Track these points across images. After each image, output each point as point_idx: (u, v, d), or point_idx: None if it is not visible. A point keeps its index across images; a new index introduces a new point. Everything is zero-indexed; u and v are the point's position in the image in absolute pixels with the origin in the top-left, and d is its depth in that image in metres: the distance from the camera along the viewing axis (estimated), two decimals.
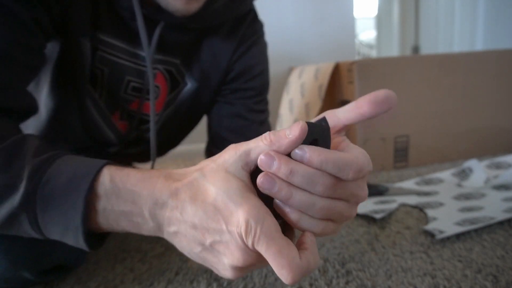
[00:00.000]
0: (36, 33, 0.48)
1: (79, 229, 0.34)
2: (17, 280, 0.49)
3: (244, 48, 0.70)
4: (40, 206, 0.34)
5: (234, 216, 0.29)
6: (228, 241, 0.30)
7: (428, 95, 1.15)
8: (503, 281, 0.49)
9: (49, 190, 0.34)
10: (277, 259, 0.28)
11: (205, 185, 0.32)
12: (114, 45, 0.60)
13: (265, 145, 0.31)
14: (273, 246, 0.28)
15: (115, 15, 0.58)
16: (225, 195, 0.30)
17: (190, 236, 0.32)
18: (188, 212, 0.32)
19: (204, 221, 0.31)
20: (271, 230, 0.29)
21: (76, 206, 0.33)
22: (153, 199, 0.33)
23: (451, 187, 0.91)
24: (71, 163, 0.36)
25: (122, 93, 0.64)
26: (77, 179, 0.34)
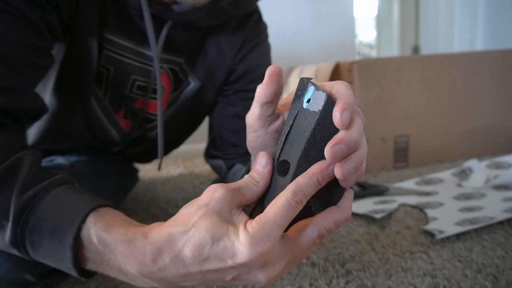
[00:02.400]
0: (45, 34, 0.48)
1: (72, 270, 0.34)
2: (19, 282, 0.49)
3: (248, 48, 0.70)
4: (30, 246, 0.34)
5: (238, 253, 0.29)
6: (247, 270, 0.30)
7: (428, 95, 1.15)
8: (503, 281, 0.49)
9: (36, 235, 0.34)
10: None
11: (198, 235, 0.30)
12: (121, 45, 0.60)
13: (256, 187, 0.33)
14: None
15: (122, 13, 0.58)
16: (221, 237, 0.29)
17: (207, 281, 0.32)
18: (191, 268, 0.30)
19: (213, 268, 0.30)
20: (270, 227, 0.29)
21: (65, 254, 0.33)
22: (149, 269, 0.31)
23: (451, 187, 0.91)
24: (56, 205, 0.35)
25: (128, 92, 0.64)
26: (61, 229, 0.33)
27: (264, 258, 0.29)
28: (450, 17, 2.26)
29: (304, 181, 0.30)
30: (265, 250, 0.29)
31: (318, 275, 0.54)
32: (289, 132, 0.33)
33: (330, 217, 0.32)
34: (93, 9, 0.55)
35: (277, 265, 0.31)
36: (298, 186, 0.30)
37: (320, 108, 0.31)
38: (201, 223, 0.30)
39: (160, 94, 0.61)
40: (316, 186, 0.30)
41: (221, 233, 0.29)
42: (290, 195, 0.30)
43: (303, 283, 0.52)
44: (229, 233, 0.29)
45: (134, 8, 0.57)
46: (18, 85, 0.44)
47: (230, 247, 0.29)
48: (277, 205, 0.30)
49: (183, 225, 0.30)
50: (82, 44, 0.56)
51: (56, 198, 0.35)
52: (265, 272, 0.30)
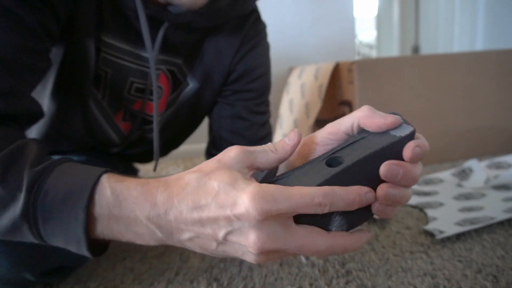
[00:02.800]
0: (42, 37, 0.48)
1: (82, 241, 0.34)
2: (19, 281, 0.49)
3: (247, 48, 0.70)
4: (41, 217, 0.34)
5: (239, 201, 0.29)
6: (240, 227, 0.30)
7: (428, 95, 1.15)
8: (503, 281, 0.49)
9: (49, 202, 0.34)
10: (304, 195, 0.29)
11: (207, 183, 0.31)
12: (118, 47, 0.60)
13: (273, 153, 0.34)
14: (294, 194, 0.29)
15: (119, 15, 0.58)
16: (228, 185, 0.30)
17: (203, 235, 0.32)
18: (194, 214, 0.31)
19: (212, 216, 0.31)
20: (282, 191, 0.29)
21: (77, 218, 0.33)
22: (156, 212, 0.32)
23: (451, 187, 0.91)
24: (69, 173, 0.35)
25: (126, 94, 0.64)
26: (76, 191, 0.34)
27: (262, 216, 0.28)
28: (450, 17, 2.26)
29: (340, 193, 0.30)
30: (266, 209, 0.28)
31: (318, 275, 0.54)
32: (359, 140, 0.34)
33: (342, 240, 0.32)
34: (90, 11, 0.55)
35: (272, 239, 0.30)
36: (332, 192, 0.30)
37: (402, 135, 0.32)
38: (213, 173, 0.31)
39: (156, 96, 0.61)
40: (347, 205, 0.30)
41: (229, 183, 0.30)
42: (320, 193, 0.29)
43: (303, 283, 0.52)
44: (238, 183, 0.30)
45: (130, 9, 0.56)
46: (15, 89, 0.44)
47: (233, 195, 0.30)
48: (303, 191, 0.29)
49: (197, 172, 0.32)
50: (80, 46, 0.56)
51: (69, 168, 0.36)
52: (258, 236, 0.29)
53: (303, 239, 0.31)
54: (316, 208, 0.29)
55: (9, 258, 0.45)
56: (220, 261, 0.60)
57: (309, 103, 1.24)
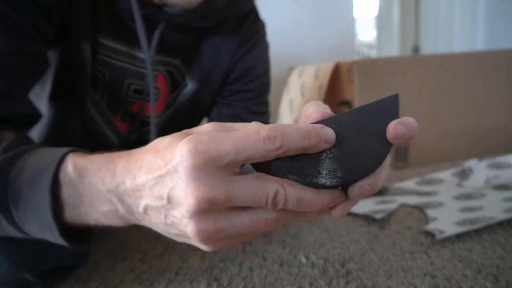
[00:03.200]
0: (37, 40, 0.48)
1: (52, 224, 0.32)
2: (18, 282, 0.49)
3: (246, 48, 0.70)
4: (12, 204, 0.33)
5: (175, 149, 0.26)
6: (178, 180, 0.26)
7: (428, 95, 1.15)
8: (503, 281, 0.49)
9: (17, 187, 0.33)
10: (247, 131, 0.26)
11: (160, 140, 0.29)
12: (114, 49, 0.60)
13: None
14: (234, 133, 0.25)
15: (115, 17, 0.57)
16: (175, 136, 0.28)
17: (152, 200, 0.28)
18: (142, 174, 0.28)
19: (154, 173, 0.27)
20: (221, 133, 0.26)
21: (43, 198, 0.32)
22: (115, 181, 0.30)
23: (451, 187, 0.91)
24: (36, 156, 0.34)
25: (123, 96, 0.64)
26: (40, 172, 0.32)
27: (198, 159, 0.25)
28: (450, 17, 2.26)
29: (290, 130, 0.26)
30: (202, 148, 0.25)
31: (318, 275, 0.54)
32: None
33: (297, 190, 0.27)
34: (85, 13, 0.55)
35: (214, 189, 0.25)
36: (281, 125, 0.26)
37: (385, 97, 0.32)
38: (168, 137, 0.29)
39: (153, 97, 0.60)
40: (303, 139, 0.26)
41: (172, 138, 0.28)
42: (268, 127, 0.25)
43: (303, 283, 0.52)
44: (180, 136, 0.27)
45: (126, 11, 0.56)
46: (10, 93, 0.44)
47: (170, 146, 0.27)
48: (248, 126, 0.27)
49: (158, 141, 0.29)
50: (76, 49, 0.56)
51: (38, 152, 0.35)
52: (197, 186, 0.25)
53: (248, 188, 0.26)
54: (266, 143, 0.25)
55: (9, 258, 0.45)
56: (220, 261, 0.60)
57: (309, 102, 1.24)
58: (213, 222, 0.27)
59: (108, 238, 0.72)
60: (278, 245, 0.65)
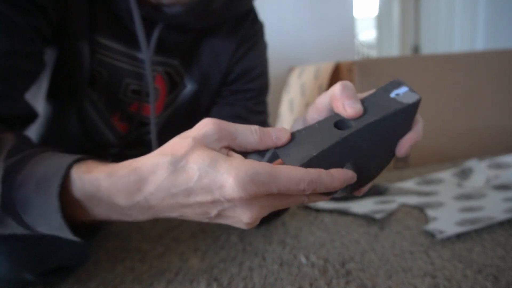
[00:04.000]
0: (35, 40, 0.48)
1: (64, 227, 0.33)
2: (19, 281, 0.49)
3: (245, 49, 0.70)
4: (20, 208, 0.34)
5: (226, 186, 0.28)
6: (232, 206, 0.30)
7: (428, 95, 1.15)
8: (503, 281, 0.49)
9: (24, 193, 0.34)
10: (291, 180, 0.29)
11: (185, 167, 0.30)
12: (113, 48, 0.59)
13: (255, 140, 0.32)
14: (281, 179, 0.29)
15: (113, 16, 0.57)
16: (209, 168, 0.29)
17: (193, 214, 0.32)
18: (179, 199, 0.30)
19: (199, 200, 0.30)
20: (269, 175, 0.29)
21: (51, 205, 0.32)
22: (135, 200, 0.31)
23: (451, 187, 0.91)
24: (42, 163, 0.35)
25: (121, 96, 0.64)
26: (47, 179, 0.33)
27: (251, 197, 0.29)
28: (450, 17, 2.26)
29: (326, 181, 0.30)
30: (254, 191, 0.28)
31: (318, 275, 0.54)
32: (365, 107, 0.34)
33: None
34: (83, 13, 0.55)
35: (262, 209, 0.30)
36: (318, 180, 0.30)
37: (409, 102, 0.34)
38: (189, 156, 0.29)
39: (153, 98, 0.60)
40: (328, 190, 0.30)
41: (211, 165, 0.29)
42: (307, 179, 0.29)
43: (303, 283, 0.52)
44: (220, 165, 0.29)
45: (124, 11, 0.56)
46: (5, 93, 0.44)
47: (219, 179, 0.29)
48: (290, 175, 0.29)
49: (170, 155, 0.30)
50: (73, 48, 0.56)
51: (43, 158, 0.36)
52: (249, 211, 0.30)
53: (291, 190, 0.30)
54: (300, 193, 0.30)
55: (9, 258, 0.45)
56: (220, 261, 0.60)
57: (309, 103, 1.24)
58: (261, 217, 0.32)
59: (108, 238, 0.72)
60: (278, 245, 0.65)
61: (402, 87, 0.35)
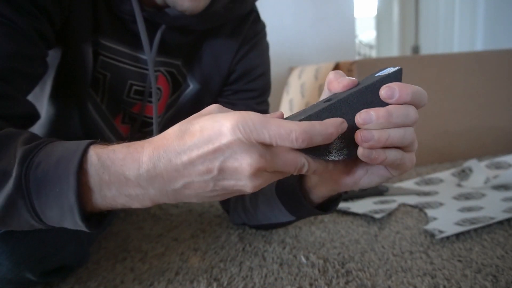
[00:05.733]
0: (37, 42, 0.48)
1: (75, 208, 0.34)
2: (20, 281, 0.49)
3: (246, 49, 0.70)
4: (34, 189, 0.34)
5: (224, 130, 0.31)
6: (232, 153, 0.31)
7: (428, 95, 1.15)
8: (503, 281, 0.50)
9: (41, 172, 0.34)
10: (282, 128, 0.31)
11: (189, 128, 0.33)
12: (116, 50, 0.60)
13: None
14: (272, 125, 0.31)
15: (116, 19, 0.58)
16: (209, 121, 0.32)
17: (198, 176, 0.33)
18: (183, 157, 0.32)
19: (201, 153, 0.32)
20: (262, 119, 0.31)
21: (68, 183, 0.33)
22: (145, 168, 0.33)
23: (451, 187, 0.91)
24: (60, 146, 0.37)
25: (125, 97, 0.64)
26: (66, 158, 0.34)
27: (248, 140, 0.31)
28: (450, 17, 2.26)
29: (319, 129, 0.32)
30: (248, 133, 0.30)
31: (318, 275, 0.54)
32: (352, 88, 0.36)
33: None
34: (86, 15, 0.55)
35: (263, 155, 0.32)
36: (311, 128, 0.31)
37: (385, 73, 0.35)
38: (193, 119, 0.34)
39: (155, 98, 0.61)
40: (325, 139, 0.32)
41: (210, 119, 0.32)
42: (299, 131, 0.31)
43: (303, 283, 0.52)
44: (218, 116, 0.32)
45: (127, 13, 0.56)
46: (8, 94, 0.44)
47: (217, 126, 0.31)
48: (281, 123, 0.31)
49: (178, 124, 0.34)
50: (77, 50, 0.56)
51: (60, 143, 0.38)
52: (251, 156, 0.31)
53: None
54: (293, 142, 0.31)
55: (10, 257, 0.45)
56: (220, 261, 0.60)
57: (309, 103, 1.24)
58: (264, 178, 0.33)
59: (108, 238, 0.72)
60: (278, 245, 0.65)
61: (390, 68, 0.36)
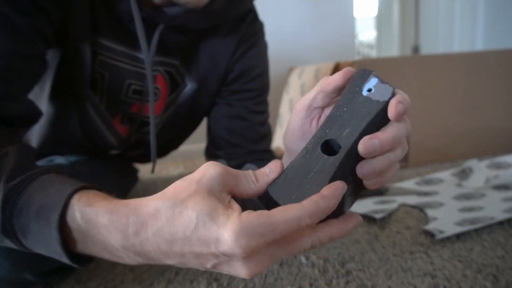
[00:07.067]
0: (37, 42, 0.48)
1: (63, 255, 0.34)
2: (19, 282, 0.49)
3: (244, 48, 0.70)
4: (20, 233, 0.34)
5: (222, 240, 0.28)
6: (227, 260, 0.29)
7: (428, 95, 1.15)
8: (503, 281, 0.49)
9: (23, 220, 0.34)
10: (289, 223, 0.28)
11: (182, 212, 0.29)
12: (114, 49, 0.60)
13: (253, 184, 0.32)
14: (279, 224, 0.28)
15: (114, 18, 0.57)
16: (207, 218, 0.28)
17: (189, 262, 0.31)
18: (174, 247, 0.29)
19: (194, 251, 0.29)
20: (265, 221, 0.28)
21: (51, 235, 0.33)
22: (130, 242, 0.30)
23: (451, 187, 0.91)
24: (42, 189, 0.35)
25: (123, 97, 0.64)
26: (46, 210, 0.33)
27: (248, 252, 0.27)
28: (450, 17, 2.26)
29: (324, 206, 0.29)
30: (252, 245, 0.27)
31: (318, 275, 0.54)
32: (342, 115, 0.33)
33: (327, 230, 0.31)
34: (84, 15, 0.55)
35: (261, 263, 0.29)
36: (316, 210, 0.29)
37: (385, 99, 0.32)
38: (189, 201, 0.29)
39: (153, 98, 0.61)
40: (331, 210, 0.30)
41: (209, 215, 0.28)
42: (307, 215, 0.28)
43: (303, 283, 0.52)
44: (218, 216, 0.28)
45: (125, 13, 0.56)
46: (8, 94, 0.44)
47: (215, 231, 0.28)
48: (288, 217, 0.28)
49: (171, 199, 0.29)
50: (75, 50, 0.56)
51: (43, 183, 0.35)
52: (247, 267, 0.28)
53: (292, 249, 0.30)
54: (305, 228, 0.29)
55: (10, 258, 0.45)
56: None
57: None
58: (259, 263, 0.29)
59: None
60: None
61: (371, 78, 0.33)
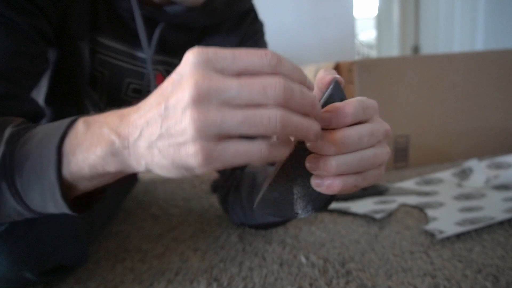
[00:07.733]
0: (37, 40, 0.48)
1: (55, 186, 0.33)
2: (19, 281, 0.49)
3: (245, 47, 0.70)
4: (17, 168, 0.34)
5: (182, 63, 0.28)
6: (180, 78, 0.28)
7: (428, 95, 1.15)
8: (503, 281, 0.49)
9: (25, 151, 0.34)
10: None
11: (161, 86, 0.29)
12: (114, 48, 0.59)
13: None
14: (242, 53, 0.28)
15: (114, 16, 0.57)
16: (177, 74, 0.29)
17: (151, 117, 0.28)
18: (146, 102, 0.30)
19: (156, 93, 0.29)
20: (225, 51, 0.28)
21: (49, 158, 0.33)
22: (120, 120, 0.31)
23: (451, 187, 0.91)
24: (47, 125, 0.36)
25: (123, 95, 0.64)
26: (51, 133, 0.34)
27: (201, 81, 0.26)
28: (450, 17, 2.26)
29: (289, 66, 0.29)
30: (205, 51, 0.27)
31: (318, 275, 0.54)
32: None
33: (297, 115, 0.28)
34: (84, 13, 0.55)
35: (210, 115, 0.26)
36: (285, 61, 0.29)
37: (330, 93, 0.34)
38: None
39: None
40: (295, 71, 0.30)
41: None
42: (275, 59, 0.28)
43: (303, 283, 0.52)
44: None
45: (125, 10, 0.56)
46: (12, 93, 0.44)
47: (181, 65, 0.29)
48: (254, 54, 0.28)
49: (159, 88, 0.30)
50: (74, 48, 0.56)
51: (48, 124, 0.36)
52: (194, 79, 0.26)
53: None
54: (262, 59, 0.27)
55: (9, 257, 0.45)
56: (220, 261, 0.60)
57: None
58: (208, 111, 0.26)
59: (108, 238, 0.72)
60: (278, 245, 0.65)
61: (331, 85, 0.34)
